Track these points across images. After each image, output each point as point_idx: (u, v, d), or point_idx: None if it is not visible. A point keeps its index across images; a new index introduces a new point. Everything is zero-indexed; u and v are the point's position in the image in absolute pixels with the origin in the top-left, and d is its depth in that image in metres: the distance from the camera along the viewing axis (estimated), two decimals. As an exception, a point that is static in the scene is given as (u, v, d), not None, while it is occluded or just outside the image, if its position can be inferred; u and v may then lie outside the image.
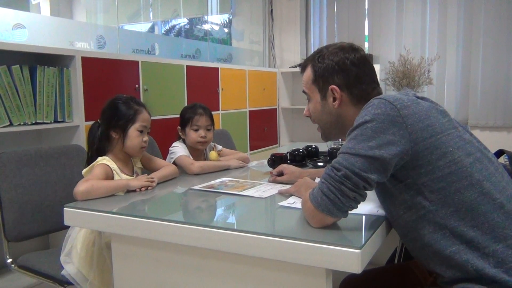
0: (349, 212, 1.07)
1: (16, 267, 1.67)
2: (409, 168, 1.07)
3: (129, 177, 1.65)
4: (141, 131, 1.66)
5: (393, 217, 1.17)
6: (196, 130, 2.01)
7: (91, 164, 1.58)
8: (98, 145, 1.64)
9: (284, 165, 1.74)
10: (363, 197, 1.05)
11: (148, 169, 1.79)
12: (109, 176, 1.57)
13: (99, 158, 1.59)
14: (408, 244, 1.19)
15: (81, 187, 1.43)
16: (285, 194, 1.45)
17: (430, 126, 1.06)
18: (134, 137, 1.64)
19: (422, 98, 1.17)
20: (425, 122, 1.06)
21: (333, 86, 1.26)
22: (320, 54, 1.30)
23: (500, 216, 1.04)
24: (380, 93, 1.29)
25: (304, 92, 1.37)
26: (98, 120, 1.68)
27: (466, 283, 1.04)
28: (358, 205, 1.06)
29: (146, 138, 1.68)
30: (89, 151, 1.68)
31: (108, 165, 1.58)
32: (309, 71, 1.33)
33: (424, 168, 1.06)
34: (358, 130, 1.08)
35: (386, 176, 1.06)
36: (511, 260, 1.02)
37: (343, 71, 1.25)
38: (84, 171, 1.59)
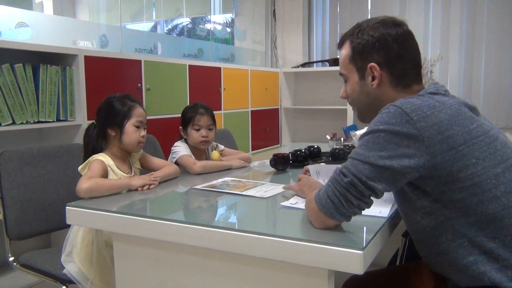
0: (351, 219, 1.06)
1: (18, 265, 1.67)
2: (427, 177, 1.02)
3: (126, 175, 1.65)
4: (137, 127, 1.66)
5: (409, 221, 1.15)
6: (198, 130, 2.01)
7: (86, 161, 1.59)
8: (95, 144, 1.64)
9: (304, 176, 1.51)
10: (368, 205, 1.03)
11: (148, 169, 1.78)
12: (105, 172, 1.58)
13: (94, 155, 1.60)
14: (422, 250, 1.17)
15: (84, 185, 1.43)
16: (288, 190, 1.45)
17: (451, 137, 1.00)
18: (131, 132, 1.65)
19: (452, 97, 1.11)
20: (445, 133, 1.00)
21: (373, 64, 1.15)
22: (359, 29, 1.19)
23: None
24: (420, 80, 1.19)
25: (340, 74, 1.27)
26: (94, 122, 1.69)
27: None
28: (362, 212, 1.04)
29: (143, 133, 1.68)
30: (85, 151, 1.67)
31: (103, 161, 1.58)
32: (347, 48, 1.21)
33: (444, 179, 1.01)
34: (370, 137, 1.03)
35: (396, 186, 1.03)
36: None
37: (384, 48, 1.15)
38: (80, 167, 1.60)
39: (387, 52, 1.15)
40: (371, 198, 1.02)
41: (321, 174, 1.56)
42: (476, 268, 1.02)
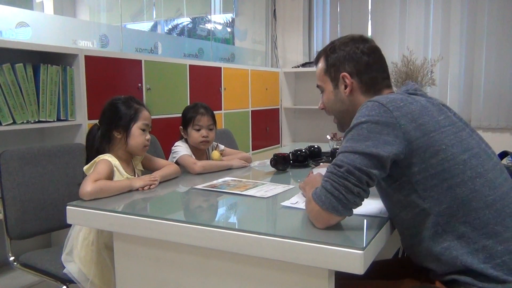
0: (353, 213, 1.07)
1: (18, 265, 1.67)
2: (404, 166, 1.09)
3: (130, 176, 1.65)
4: (143, 130, 1.66)
5: (391, 215, 1.21)
6: (198, 130, 2.01)
7: (92, 161, 1.58)
8: (99, 146, 1.63)
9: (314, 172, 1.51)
10: (366, 193, 1.06)
11: (149, 169, 1.78)
12: (111, 172, 1.57)
13: (101, 155, 1.59)
14: (405, 242, 1.22)
15: (88, 188, 1.42)
16: (289, 190, 1.46)
17: (422, 125, 1.09)
18: (137, 135, 1.64)
19: (421, 95, 1.20)
20: (418, 121, 1.09)
21: (344, 73, 1.29)
22: (332, 45, 1.35)
23: (491, 213, 1.07)
24: (389, 85, 1.32)
25: (318, 86, 1.40)
26: (97, 123, 1.68)
27: (455, 275, 1.08)
28: (362, 203, 1.07)
29: (148, 136, 1.68)
30: (88, 153, 1.66)
31: (110, 161, 1.58)
32: (322, 62, 1.36)
33: (418, 166, 1.08)
34: (354, 131, 1.11)
35: (385, 172, 1.09)
36: (499, 255, 1.05)
37: (354, 60, 1.29)
38: (85, 167, 1.59)
39: (357, 62, 1.29)
40: (367, 186, 1.06)
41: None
42: (449, 253, 1.08)
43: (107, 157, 1.59)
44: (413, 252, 1.20)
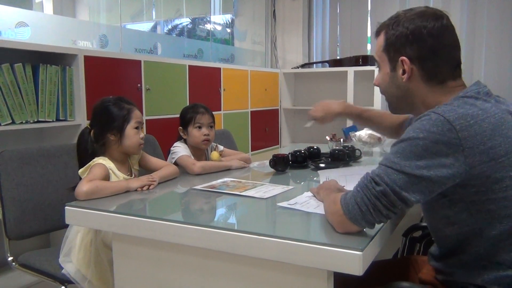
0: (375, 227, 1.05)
1: (17, 265, 1.67)
2: (458, 185, 0.99)
3: (126, 177, 1.64)
4: (137, 128, 1.66)
5: (432, 228, 1.15)
6: (199, 129, 2.01)
7: (87, 164, 1.58)
8: (93, 149, 1.62)
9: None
10: (396, 215, 1.01)
11: (146, 169, 1.78)
12: (107, 175, 1.57)
13: (96, 158, 1.59)
14: (442, 252, 1.16)
15: (84, 188, 1.43)
16: (289, 191, 1.44)
17: (492, 148, 0.96)
18: (132, 135, 1.64)
19: (496, 99, 1.08)
20: (488, 144, 0.96)
21: (404, 57, 1.13)
22: (396, 19, 1.15)
23: None
24: (458, 76, 1.14)
25: (375, 59, 1.26)
26: (88, 126, 1.67)
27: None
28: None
29: (142, 135, 1.68)
30: (82, 156, 1.63)
31: (104, 165, 1.58)
32: (381, 38, 1.19)
33: (476, 188, 0.98)
34: (407, 145, 0.99)
35: (429, 197, 1.00)
36: None
37: (417, 42, 1.11)
38: (80, 171, 1.58)
39: (421, 46, 1.11)
40: (400, 208, 0.99)
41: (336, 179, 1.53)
42: (483, 278, 1.02)
43: (102, 160, 1.58)
44: (447, 264, 1.12)
